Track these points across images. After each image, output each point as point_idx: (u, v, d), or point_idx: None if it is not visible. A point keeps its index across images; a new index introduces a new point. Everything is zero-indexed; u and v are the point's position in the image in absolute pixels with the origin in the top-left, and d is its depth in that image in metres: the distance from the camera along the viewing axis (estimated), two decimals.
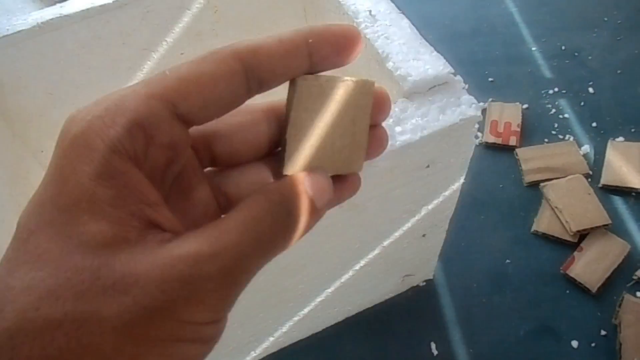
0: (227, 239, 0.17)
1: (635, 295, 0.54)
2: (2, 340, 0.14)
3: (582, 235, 0.59)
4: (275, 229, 0.18)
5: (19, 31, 0.49)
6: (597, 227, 0.59)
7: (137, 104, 0.16)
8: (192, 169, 0.20)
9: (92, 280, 0.15)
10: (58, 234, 0.15)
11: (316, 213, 0.20)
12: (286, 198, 0.19)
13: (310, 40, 0.19)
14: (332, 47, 0.19)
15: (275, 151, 0.22)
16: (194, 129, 0.19)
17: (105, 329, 0.15)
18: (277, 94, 0.21)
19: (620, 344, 0.51)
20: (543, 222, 0.61)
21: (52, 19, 0.49)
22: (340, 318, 0.58)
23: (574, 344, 0.52)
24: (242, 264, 0.17)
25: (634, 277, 0.55)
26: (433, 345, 0.54)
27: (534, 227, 0.61)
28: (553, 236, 0.60)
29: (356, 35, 0.19)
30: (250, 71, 0.18)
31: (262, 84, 0.18)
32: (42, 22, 0.49)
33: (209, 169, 0.21)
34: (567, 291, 0.56)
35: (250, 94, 0.19)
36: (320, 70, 0.20)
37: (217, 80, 0.17)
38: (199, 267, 0.16)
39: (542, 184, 0.64)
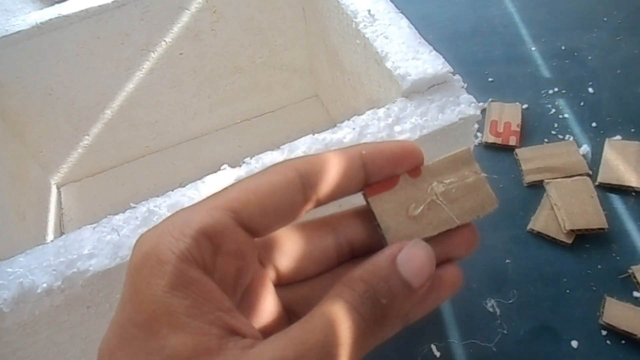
0: (312, 341, 0.16)
1: (632, 295, 0.54)
2: None
3: (577, 236, 0.59)
4: (363, 323, 0.17)
5: (18, 31, 0.49)
6: (592, 230, 0.58)
7: (202, 215, 0.17)
8: (260, 281, 0.20)
9: None
10: (139, 351, 0.15)
11: (414, 295, 0.18)
12: (372, 287, 0.18)
13: (363, 152, 0.20)
14: (387, 157, 0.20)
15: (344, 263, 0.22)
16: (259, 243, 0.19)
17: None
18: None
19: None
20: (539, 221, 0.61)
21: (51, 19, 0.49)
22: None
23: (574, 344, 0.52)
24: None
25: (629, 271, 0.55)
26: (434, 347, 0.54)
27: (530, 226, 0.61)
28: (548, 235, 0.60)
29: (413, 148, 0.20)
30: (306, 179, 0.19)
31: (319, 193, 0.19)
32: (41, 23, 0.49)
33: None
34: (567, 291, 0.56)
35: (307, 204, 0.19)
36: (376, 179, 0.20)
37: (274, 187, 0.18)
38: None
39: (546, 181, 0.64)
